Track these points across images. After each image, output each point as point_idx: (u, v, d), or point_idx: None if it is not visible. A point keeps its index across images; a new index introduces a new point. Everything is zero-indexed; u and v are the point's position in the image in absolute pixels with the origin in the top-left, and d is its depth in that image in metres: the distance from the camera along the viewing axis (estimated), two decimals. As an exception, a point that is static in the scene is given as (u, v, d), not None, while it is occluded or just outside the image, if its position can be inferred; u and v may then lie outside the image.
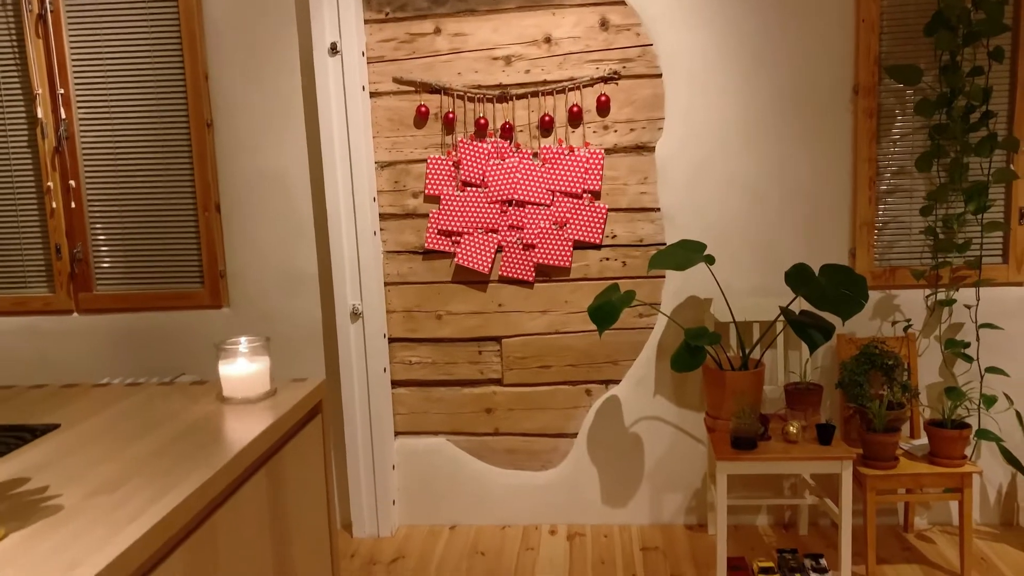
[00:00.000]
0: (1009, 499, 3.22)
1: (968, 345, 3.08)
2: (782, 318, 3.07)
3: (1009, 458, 3.06)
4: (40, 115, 3.33)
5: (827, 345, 3.21)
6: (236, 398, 1.80)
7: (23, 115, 3.36)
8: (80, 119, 3.35)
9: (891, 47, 3.08)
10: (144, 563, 1.19)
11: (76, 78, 3.33)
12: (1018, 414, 3.15)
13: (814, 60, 3.10)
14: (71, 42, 3.31)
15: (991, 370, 3.10)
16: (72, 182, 3.37)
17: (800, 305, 3.13)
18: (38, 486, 1.36)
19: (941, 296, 3.14)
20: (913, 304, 3.17)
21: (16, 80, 3.34)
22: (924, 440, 3.02)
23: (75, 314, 3.47)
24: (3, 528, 1.17)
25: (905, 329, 3.14)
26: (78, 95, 3.34)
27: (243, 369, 1.79)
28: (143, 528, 1.18)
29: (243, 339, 1.81)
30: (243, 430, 1.62)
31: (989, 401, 3.06)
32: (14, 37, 3.33)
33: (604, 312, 2.93)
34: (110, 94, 3.33)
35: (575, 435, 3.38)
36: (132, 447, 1.55)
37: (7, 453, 1.53)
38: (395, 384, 3.43)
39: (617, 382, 3.34)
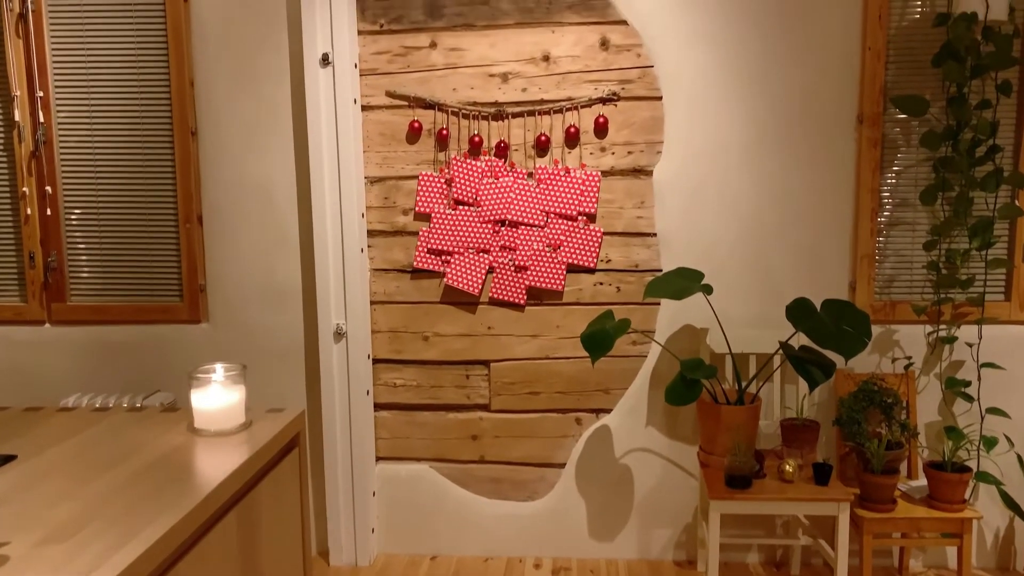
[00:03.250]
0: (1007, 543, 3.14)
1: (969, 384, 3.00)
2: (780, 351, 2.98)
3: (1009, 503, 2.97)
4: (18, 118, 3.20)
5: (825, 380, 3.11)
6: (209, 430, 1.68)
7: (0, 117, 3.24)
8: (59, 123, 3.22)
9: (897, 76, 3.01)
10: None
11: (56, 81, 3.20)
12: (1019, 457, 3.07)
13: (818, 87, 3.03)
14: (52, 43, 3.19)
15: (992, 411, 3.01)
16: (49, 188, 3.24)
17: (799, 340, 3.04)
18: (-16, 530, 1.24)
19: (942, 333, 3.07)
20: (913, 340, 3.09)
21: (-6, 80, 3.22)
22: (923, 481, 2.93)
23: (47, 325, 3.33)
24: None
25: (906, 368, 3.06)
26: (58, 98, 3.21)
27: (217, 400, 1.67)
28: (96, 585, 1.07)
29: (219, 366, 1.70)
30: (215, 467, 1.50)
31: (989, 443, 2.97)
32: (-7, 36, 3.21)
33: (597, 340, 2.84)
34: (91, 98, 3.21)
35: (563, 465, 3.27)
36: (93, 483, 1.43)
37: (-45, 488, 1.41)
38: (378, 407, 3.31)
39: (608, 411, 3.23)
